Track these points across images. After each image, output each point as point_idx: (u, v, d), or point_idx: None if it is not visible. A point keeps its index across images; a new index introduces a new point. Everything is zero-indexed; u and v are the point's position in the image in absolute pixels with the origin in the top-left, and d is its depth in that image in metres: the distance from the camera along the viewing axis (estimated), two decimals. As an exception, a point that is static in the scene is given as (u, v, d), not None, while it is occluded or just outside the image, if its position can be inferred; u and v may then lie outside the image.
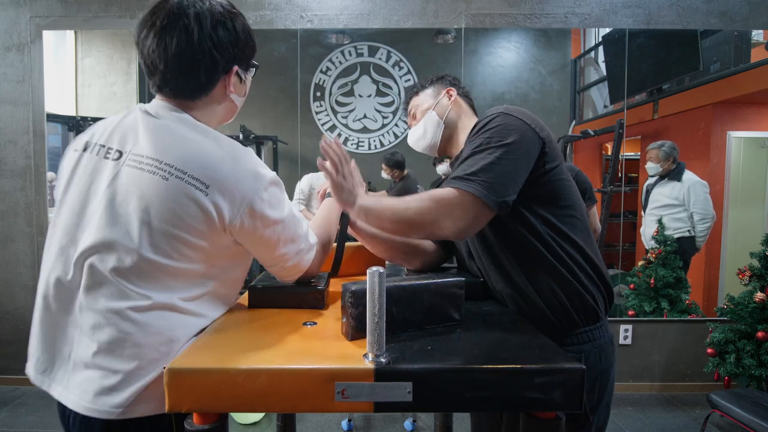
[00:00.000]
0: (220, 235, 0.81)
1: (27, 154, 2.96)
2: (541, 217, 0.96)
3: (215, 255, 0.83)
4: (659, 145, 3.23)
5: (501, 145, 0.92)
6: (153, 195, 0.76)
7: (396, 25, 2.98)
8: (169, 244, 0.77)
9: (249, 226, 0.81)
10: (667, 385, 3.01)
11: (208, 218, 0.78)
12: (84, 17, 2.94)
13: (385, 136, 3.30)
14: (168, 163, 0.77)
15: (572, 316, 0.97)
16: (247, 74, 0.93)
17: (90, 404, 0.75)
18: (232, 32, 0.85)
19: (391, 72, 3.27)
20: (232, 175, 0.79)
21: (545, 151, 0.95)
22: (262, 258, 0.89)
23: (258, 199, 0.80)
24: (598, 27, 3.23)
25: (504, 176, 0.90)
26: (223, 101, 0.90)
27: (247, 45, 0.88)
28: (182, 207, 0.76)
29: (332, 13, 2.97)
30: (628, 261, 3.42)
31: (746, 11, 2.91)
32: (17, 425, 2.53)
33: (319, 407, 0.63)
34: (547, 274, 0.96)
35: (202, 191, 0.77)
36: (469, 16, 2.96)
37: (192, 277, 0.81)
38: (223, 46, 0.84)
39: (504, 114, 0.96)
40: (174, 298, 0.79)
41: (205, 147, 0.80)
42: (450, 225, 0.91)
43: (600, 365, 0.99)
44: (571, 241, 0.97)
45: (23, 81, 2.95)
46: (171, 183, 0.76)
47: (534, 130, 0.95)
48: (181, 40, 0.80)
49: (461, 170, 0.93)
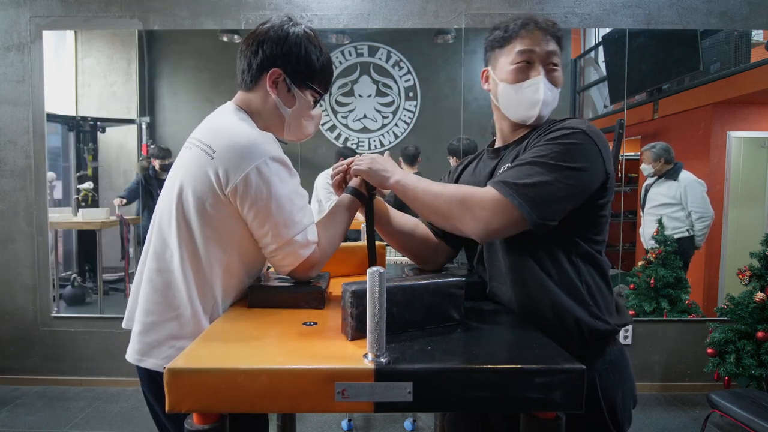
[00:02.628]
0: (224, 203, 0.90)
1: (27, 154, 2.96)
2: (576, 244, 0.93)
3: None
4: (651, 146, 3.25)
5: (566, 167, 0.85)
6: (183, 165, 0.94)
7: (396, 25, 2.98)
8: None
9: (242, 193, 0.88)
10: (667, 385, 3.01)
11: (212, 182, 0.89)
12: (84, 17, 2.94)
13: (385, 136, 3.30)
14: (196, 137, 0.95)
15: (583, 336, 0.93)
16: (301, 90, 1.01)
17: None
18: (282, 35, 0.97)
19: (391, 72, 3.27)
20: (237, 144, 0.89)
21: (606, 186, 0.90)
22: (254, 230, 0.94)
23: (256, 169, 0.88)
24: (598, 27, 3.23)
25: (554, 200, 0.85)
26: (267, 98, 1.00)
27: (293, 54, 0.98)
28: (198, 171, 0.90)
29: (332, 13, 2.97)
30: (628, 261, 3.42)
31: (746, 11, 2.91)
32: (17, 425, 2.53)
33: (319, 407, 0.63)
34: (570, 297, 0.92)
35: (209, 155, 0.90)
36: (469, 16, 2.96)
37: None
38: (268, 43, 0.97)
39: (584, 134, 0.88)
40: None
41: (224, 122, 0.96)
42: (474, 225, 0.88)
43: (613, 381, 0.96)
44: (599, 271, 0.95)
45: (23, 81, 2.94)
46: (193, 151, 0.93)
47: (605, 162, 0.89)
48: (250, 48, 0.99)
49: (513, 175, 0.87)
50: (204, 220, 0.91)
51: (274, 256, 0.94)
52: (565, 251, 0.92)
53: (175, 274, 0.93)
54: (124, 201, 3.26)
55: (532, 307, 0.94)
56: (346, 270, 1.26)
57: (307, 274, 0.97)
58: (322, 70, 1.02)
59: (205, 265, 0.93)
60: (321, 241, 0.98)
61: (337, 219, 1.05)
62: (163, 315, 0.93)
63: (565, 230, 0.90)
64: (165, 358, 0.92)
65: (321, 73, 1.02)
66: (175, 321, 0.93)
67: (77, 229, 3.30)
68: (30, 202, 2.98)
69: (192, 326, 0.92)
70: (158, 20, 2.94)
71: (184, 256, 0.92)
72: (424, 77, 3.29)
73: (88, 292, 3.30)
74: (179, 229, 0.92)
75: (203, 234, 0.91)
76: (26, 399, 2.85)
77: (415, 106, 3.30)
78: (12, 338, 3.03)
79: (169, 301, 0.93)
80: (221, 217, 0.91)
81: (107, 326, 3.02)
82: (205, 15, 2.94)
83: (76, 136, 3.26)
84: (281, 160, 0.92)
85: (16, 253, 3.00)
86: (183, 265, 0.92)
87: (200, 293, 0.93)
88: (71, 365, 3.03)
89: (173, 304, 0.93)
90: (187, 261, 0.92)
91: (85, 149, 3.27)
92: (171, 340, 0.92)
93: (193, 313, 0.92)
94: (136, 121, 3.20)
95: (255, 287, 0.95)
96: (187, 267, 0.92)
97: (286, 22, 0.99)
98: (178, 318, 0.92)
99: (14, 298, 3.02)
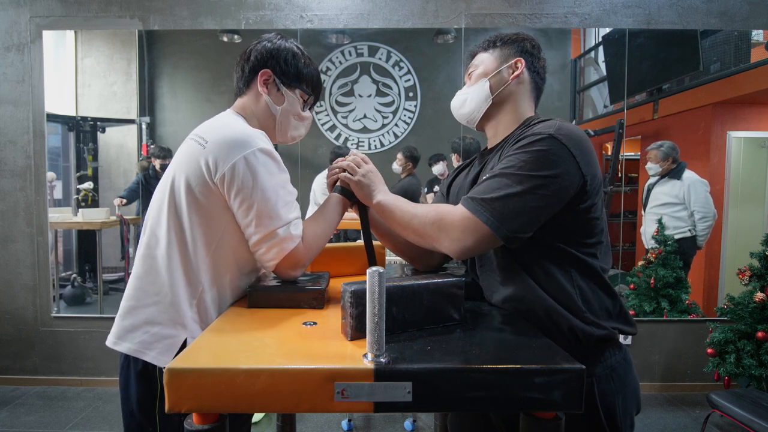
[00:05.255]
0: (213, 191, 0.93)
1: (27, 154, 2.96)
2: (564, 251, 0.91)
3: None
4: (658, 145, 3.23)
5: (534, 176, 0.83)
6: (178, 157, 0.98)
7: (396, 25, 2.98)
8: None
9: (229, 181, 0.91)
10: (667, 385, 3.01)
11: (202, 170, 0.92)
12: (84, 17, 2.94)
13: (385, 136, 3.30)
14: (193, 133, 1.00)
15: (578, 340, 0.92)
16: (289, 90, 1.06)
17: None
18: (271, 45, 1.05)
19: (391, 72, 3.27)
20: (228, 135, 0.93)
21: (585, 190, 0.87)
22: (240, 220, 0.96)
23: (244, 159, 0.91)
24: (598, 27, 3.23)
25: (524, 212, 0.83)
26: (259, 98, 1.06)
27: (282, 57, 1.05)
28: (190, 160, 0.94)
29: (332, 13, 2.97)
30: (628, 261, 3.42)
31: (746, 11, 2.91)
32: (17, 425, 2.53)
33: (319, 407, 0.63)
34: (562, 305, 0.90)
35: (202, 146, 0.94)
36: (469, 16, 2.96)
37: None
38: (259, 50, 1.05)
39: (552, 138, 0.85)
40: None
41: (220, 119, 1.02)
42: (448, 244, 0.88)
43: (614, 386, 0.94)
44: (594, 275, 0.92)
45: (23, 81, 2.94)
46: (188, 143, 0.98)
47: (579, 165, 0.85)
48: (242, 58, 1.07)
49: (482, 190, 0.87)
50: (193, 208, 0.94)
51: (258, 248, 0.95)
52: (555, 259, 0.91)
53: (158, 261, 0.95)
54: (124, 201, 3.26)
55: (526, 313, 0.93)
56: (346, 270, 1.26)
57: (292, 272, 0.97)
58: (310, 75, 1.09)
59: (192, 251, 0.94)
60: (306, 237, 0.98)
61: (323, 217, 1.05)
62: (142, 300, 0.95)
63: (552, 238, 0.90)
64: (139, 343, 0.94)
65: (309, 77, 1.09)
66: (154, 306, 0.94)
67: (77, 229, 3.30)
68: (30, 202, 2.98)
69: (170, 313, 0.94)
70: (158, 20, 2.94)
71: (171, 242, 0.94)
72: (424, 77, 3.29)
73: (88, 292, 3.30)
74: (169, 216, 0.95)
75: (191, 220, 0.94)
76: (26, 399, 2.85)
77: (415, 106, 3.30)
78: (12, 338, 3.03)
79: (148, 287, 0.95)
80: (210, 205, 0.94)
81: (107, 326, 2.99)
82: (205, 15, 2.94)
83: (76, 136, 3.26)
84: (270, 153, 0.95)
85: (16, 253, 3.00)
86: (169, 251, 0.94)
87: (186, 280, 0.94)
88: (71, 365, 3.03)
89: (152, 289, 0.95)
90: (174, 247, 0.94)
91: (85, 149, 3.27)
92: (146, 325, 0.94)
93: (174, 300, 0.94)
94: (136, 121, 3.20)
95: (254, 287, 0.95)
96: (173, 253, 0.94)
97: (276, 36, 1.08)
98: (156, 303, 0.94)
99: (14, 298, 3.02)
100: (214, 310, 0.98)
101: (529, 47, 1.04)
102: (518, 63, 1.02)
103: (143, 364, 0.95)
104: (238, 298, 1.02)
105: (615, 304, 0.96)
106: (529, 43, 1.04)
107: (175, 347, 0.94)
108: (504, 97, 1.03)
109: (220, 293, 0.99)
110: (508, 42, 1.03)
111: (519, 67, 1.01)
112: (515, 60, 1.02)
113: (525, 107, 1.05)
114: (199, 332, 0.95)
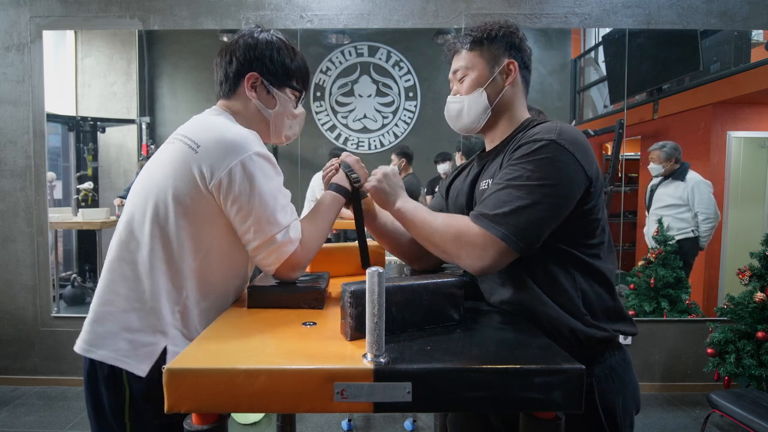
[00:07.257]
0: (206, 199, 0.90)
1: (27, 154, 2.96)
2: (567, 252, 0.91)
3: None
4: (661, 145, 3.22)
5: (543, 186, 0.84)
6: (164, 159, 0.93)
7: (396, 25, 2.98)
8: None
9: (226, 188, 0.88)
10: (667, 385, 3.01)
11: (195, 177, 0.89)
12: (84, 17, 2.94)
13: (385, 136, 3.30)
14: (179, 133, 0.95)
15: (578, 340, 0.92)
16: (280, 90, 1.03)
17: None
18: (251, 42, 1.00)
19: (391, 72, 3.27)
20: (222, 139, 0.90)
21: (589, 191, 0.88)
22: (237, 226, 0.93)
23: (240, 164, 0.88)
24: (598, 27, 3.23)
25: (538, 223, 0.84)
26: (248, 104, 1.02)
27: (267, 57, 1.00)
28: (180, 166, 0.90)
29: (332, 13, 2.97)
30: (628, 261, 3.42)
31: (746, 11, 2.91)
32: (17, 425, 2.53)
33: (319, 407, 0.63)
34: (564, 308, 0.91)
35: (193, 150, 0.90)
36: (469, 16, 2.96)
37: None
38: (241, 50, 0.99)
39: (555, 144, 0.86)
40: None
41: (209, 119, 0.97)
42: (470, 263, 0.88)
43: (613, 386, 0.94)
44: (597, 276, 0.93)
45: (23, 81, 2.94)
46: (176, 145, 0.92)
47: (583, 168, 0.86)
48: (224, 59, 1.02)
49: (492, 204, 0.87)
50: (182, 216, 0.90)
51: (257, 254, 0.93)
52: (557, 261, 0.91)
53: (139, 267, 0.91)
54: (124, 201, 3.25)
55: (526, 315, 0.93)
56: (345, 270, 1.26)
57: (291, 274, 0.96)
58: (298, 68, 1.04)
59: (177, 258, 0.91)
60: (304, 238, 0.97)
61: (320, 216, 1.04)
62: (121, 306, 0.91)
63: (554, 240, 0.90)
64: (116, 351, 0.90)
65: (297, 72, 1.04)
66: (134, 313, 0.91)
67: (77, 229, 3.30)
68: (30, 202, 2.98)
69: (151, 320, 0.90)
70: (158, 20, 2.94)
71: (155, 249, 0.90)
72: (424, 77, 3.29)
73: (88, 292, 3.30)
74: (153, 222, 0.90)
75: (179, 227, 0.90)
76: (26, 399, 2.85)
77: (415, 106, 3.30)
78: (12, 338, 3.03)
79: (127, 292, 0.91)
80: (202, 213, 0.91)
81: (107, 326, 3.01)
82: (205, 15, 2.94)
83: (76, 136, 3.26)
84: (266, 156, 0.92)
85: (16, 253, 3.00)
86: (152, 258, 0.90)
87: (169, 286, 0.91)
88: (71, 365, 3.03)
89: (131, 295, 0.91)
90: (157, 255, 0.90)
91: (85, 149, 3.27)
92: (125, 332, 0.90)
93: (154, 306, 0.90)
94: (136, 121, 3.20)
95: (254, 287, 0.95)
96: (157, 261, 0.90)
97: (254, 30, 1.02)
98: (136, 310, 0.90)
99: (14, 298, 3.02)
100: (198, 316, 0.94)
101: (517, 41, 1.01)
102: (511, 66, 1.00)
103: (110, 369, 0.91)
104: (227, 304, 0.99)
105: (616, 305, 0.96)
106: (515, 37, 1.01)
107: (155, 355, 0.90)
108: (501, 105, 1.02)
109: (207, 299, 0.96)
110: (494, 40, 1.00)
111: (512, 70, 1.00)
112: (507, 63, 1.00)
113: (521, 108, 1.05)
114: (181, 340, 0.92)
